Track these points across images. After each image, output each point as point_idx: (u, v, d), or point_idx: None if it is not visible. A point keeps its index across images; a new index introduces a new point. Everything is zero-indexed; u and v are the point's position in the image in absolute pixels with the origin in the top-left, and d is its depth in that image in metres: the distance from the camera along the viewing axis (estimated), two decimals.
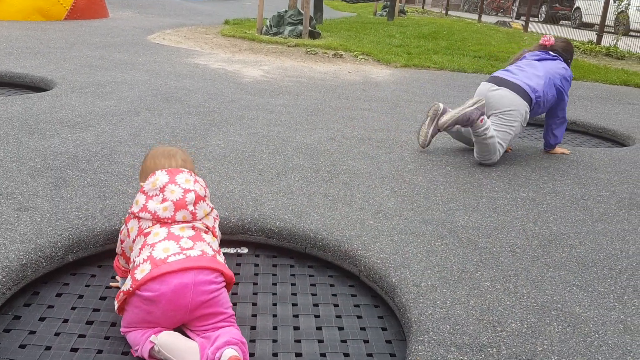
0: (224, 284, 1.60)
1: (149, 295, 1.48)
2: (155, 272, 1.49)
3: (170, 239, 1.60)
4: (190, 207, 1.68)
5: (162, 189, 1.67)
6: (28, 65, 5.08)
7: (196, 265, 1.53)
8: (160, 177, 1.70)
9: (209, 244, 1.65)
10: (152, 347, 1.48)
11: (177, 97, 4.35)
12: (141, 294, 1.49)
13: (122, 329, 1.57)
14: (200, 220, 1.71)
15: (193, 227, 1.67)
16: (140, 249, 1.60)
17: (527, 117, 3.34)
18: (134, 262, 1.58)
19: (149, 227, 1.65)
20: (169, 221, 1.65)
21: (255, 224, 2.26)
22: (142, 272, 1.51)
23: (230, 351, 1.45)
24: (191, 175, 1.76)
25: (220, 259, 1.65)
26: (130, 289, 1.50)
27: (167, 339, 1.47)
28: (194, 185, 1.72)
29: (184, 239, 1.61)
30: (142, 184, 1.75)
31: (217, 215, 1.82)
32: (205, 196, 1.75)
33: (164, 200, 1.66)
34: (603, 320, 1.75)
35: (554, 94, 3.48)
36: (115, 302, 1.58)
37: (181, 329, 1.59)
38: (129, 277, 1.54)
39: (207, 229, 1.72)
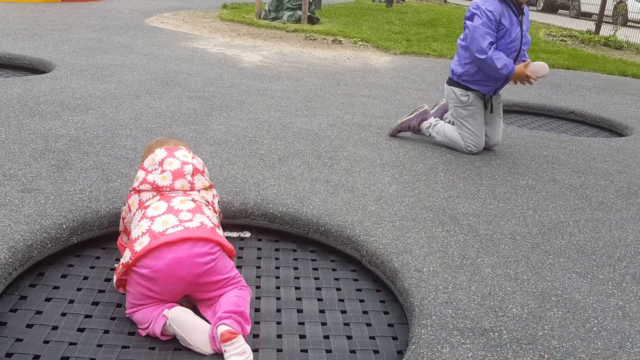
0: (220, 252, 1.61)
1: (146, 272, 1.51)
2: (154, 244, 1.52)
3: (170, 212, 1.63)
4: (189, 177, 1.75)
5: (160, 163, 1.76)
6: (26, 47, 5.04)
7: (193, 236, 1.56)
8: (159, 153, 1.79)
9: (208, 217, 1.68)
10: (166, 322, 1.50)
11: (177, 81, 4.34)
12: (138, 270, 1.52)
13: (127, 311, 1.59)
14: (198, 191, 1.75)
15: (193, 200, 1.70)
16: (139, 221, 1.62)
17: (460, 94, 3.25)
18: (132, 235, 1.60)
19: (149, 199, 1.68)
20: (168, 189, 1.69)
21: (258, 209, 2.28)
22: (141, 244, 1.54)
23: (222, 327, 1.49)
24: (189, 152, 1.85)
25: (220, 232, 1.68)
26: (130, 261, 1.52)
27: (179, 315, 1.50)
28: (192, 160, 1.81)
29: (183, 212, 1.64)
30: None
31: (216, 194, 1.87)
32: (203, 171, 1.82)
33: (162, 171, 1.74)
34: (602, 306, 1.78)
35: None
36: (114, 276, 1.60)
37: (191, 303, 1.64)
38: (127, 250, 1.56)
39: (207, 203, 1.76)
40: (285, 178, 2.59)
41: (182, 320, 1.49)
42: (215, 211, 1.80)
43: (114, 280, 1.61)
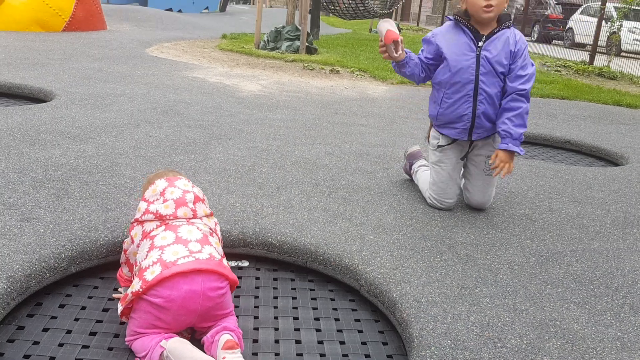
0: (228, 286, 1.66)
1: (159, 302, 1.51)
2: (166, 273, 1.53)
3: (179, 242, 1.64)
4: (191, 205, 1.77)
5: (162, 193, 1.77)
6: (27, 76, 5.10)
7: (205, 268, 1.58)
8: (159, 184, 1.81)
9: (215, 248, 1.71)
10: (162, 352, 1.50)
11: (176, 110, 4.38)
12: (151, 300, 1.52)
13: (127, 338, 1.58)
14: (201, 219, 1.77)
15: (198, 229, 1.72)
16: (148, 251, 1.62)
17: (432, 137, 2.89)
18: (142, 265, 1.60)
19: (153, 229, 1.69)
20: (171, 217, 1.71)
21: (256, 238, 2.28)
22: (152, 273, 1.54)
23: (226, 336, 1.54)
24: (189, 181, 1.88)
25: (226, 263, 1.71)
26: (140, 289, 1.52)
27: (177, 346, 1.49)
28: (192, 189, 1.83)
29: (192, 243, 1.65)
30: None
31: (217, 222, 1.89)
32: (203, 199, 1.84)
33: (165, 200, 1.76)
34: (601, 337, 1.78)
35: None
36: (120, 305, 1.60)
37: (190, 333, 1.66)
38: (137, 279, 1.56)
39: (211, 231, 1.78)
40: (284, 207, 2.60)
41: (179, 352, 1.48)
42: (219, 238, 1.81)
43: (120, 310, 1.60)
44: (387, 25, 2.60)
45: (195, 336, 1.65)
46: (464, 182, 2.89)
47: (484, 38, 2.61)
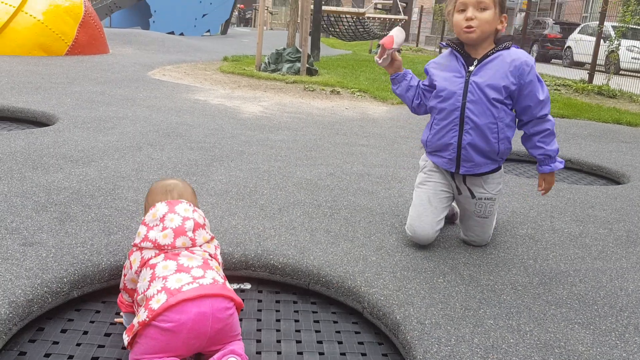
0: (234, 308, 1.65)
1: (169, 326, 1.51)
2: (173, 301, 1.52)
3: (181, 270, 1.64)
4: (190, 234, 1.74)
5: (162, 219, 1.75)
6: (30, 100, 5.14)
7: (210, 293, 1.58)
8: (160, 208, 1.79)
9: (217, 272, 1.71)
10: None
11: (178, 133, 4.41)
12: (160, 325, 1.51)
13: None
14: (200, 246, 1.76)
15: (198, 256, 1.72)
16: (150, 281, 1.62)
17: (422, 159, 2.75)
18: (146, 295, 1.59)
19: (152, 257, 1.68)
20: (169, 247, 1.69)
21: (259, 260, 2.28)
22: (158, 302, 1.53)
23: (234, 359, 1.55)
24: (190, 205, 1.84)
25: (229, 286, 1.70)
26: (147, 319, 1.51)
27: None
28: (192, 214, 1.80)
29: (194, 269, 1.65)
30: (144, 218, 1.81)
31: (217, 245, 1.87)
32: (204, 224, 1.82)
33: (164, 228, 1.73)
34: (606, 358, 1.76)
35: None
36: (126, 336, 1.58)
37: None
38: (143, 309, 1.55)
39: (210, 257, 1.77)
40: (286, 228, 2.60)
41: None
42: (218, 262, 1.81)
43: (126, 341, 1.58)
44: (393, 32, 2.48)
45: None
46: (459, 220, 2.70)
47: (475, 62, 2.38)
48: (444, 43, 2.54)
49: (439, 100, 2.46)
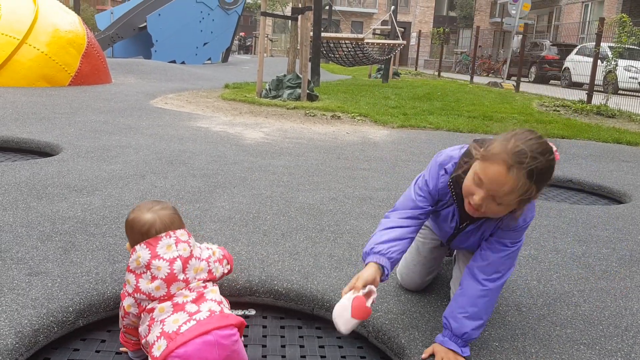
0: (238, 335, 1.65)
1: None
2: (172, 346, 1.53)
3: (177, 310, 1.63)
4: (181, 276, 1.68)
5: (147, 267, 1.66)
6: (34, 130, 5.19)
7: (208, 329, 1.57)
8: (141, 253, 1.67)
9: (212, 299, 1.68)
10: None
11: (181, 160, 4.44)
12: None
13: None
14: (195, 279, 1.72)
15: (192, 290, 1.70)
16: (149, 325, 1.63)
17: None
18: (148, 340, 1.61)
19: (149, 303, 1.67)
20: (165, 297, 1.67)
21: (263, 286, 2.29)
22: (159, 348, 1.55)
23: None
24: (169, 237, 1.70)
25: (226, 309, 1.70)
26: None
27: None
28: (177, 249, 1.70)
29: (188, 304, 1.64)
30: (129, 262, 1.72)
31: (210, 254, 1.81)
32: (190, 254, 1.72)
33: (153, 278, 1.66)
34: None
35: None
36: None
37: None
38: (148, 355, 1.57)
39: (204, 282, 1.73)
40: (289, 253, 2.61)
41: None
42: (213, 277, 1.78)
43: None
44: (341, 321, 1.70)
45: None
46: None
47: (468, 221, 1.97)
48: (447, 172, 1.95)
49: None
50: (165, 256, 1.68)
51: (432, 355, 1.83)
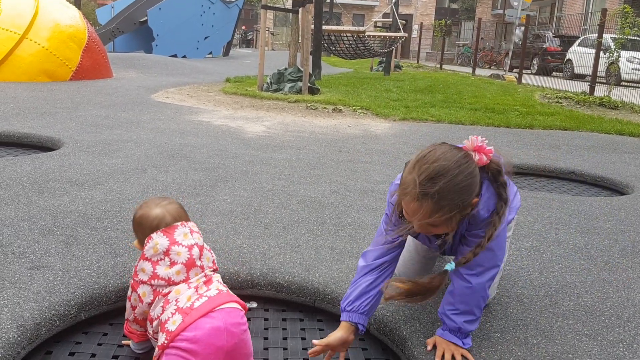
0: (247, 325, 1.67)
1: (186, 346, 1.53)
2: (189, 320, 1.55)
3: (190, 288, 1.67)
4: (198, 262, 1.72)
5: (166, 253, 1.69)
6: (35, 125, 5.19)
7: (220, 302, 1.62)
8: (159, 240, 1.70)
9: (218, 281, 1.74)
10: None
11: (183, 154, 4.44)
12: (178, 345, 1.53)
13: None
14: (207, 268, 1.77)
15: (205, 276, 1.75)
16: (163, 305, 1.64)
17: None
18: (161, 319, 1.62)
19: (165, 289, 1.68)
20: (183, 282, 1.69)
21: (264, 278, 2.29)
22: (174, 323, 1.57)
23: None
24: (184, 227, 1.76)
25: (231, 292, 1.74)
26: (166, 342, 1.54)
27: None
28: (192, 237, 1.75)
29: (199, 285, 1.69)
30: (139, 249, 1.75)
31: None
32: (203, 243, 1.79)
33: (172, 263, 1.68)
34: None
35: None
36: None
37: None
38: (161, 334, 1.58)
39: (213, 270, 1.78)
40: (291, 246, 2.61)
41: None
42: (216, 269, 1.82)
43: None
44: None
45: None
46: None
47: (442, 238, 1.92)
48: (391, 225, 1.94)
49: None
50: (184, 242, 1.72)
51: (435, 346, 1.83)
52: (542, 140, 6.24)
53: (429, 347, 1.83)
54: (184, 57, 18.68)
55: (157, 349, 1.59)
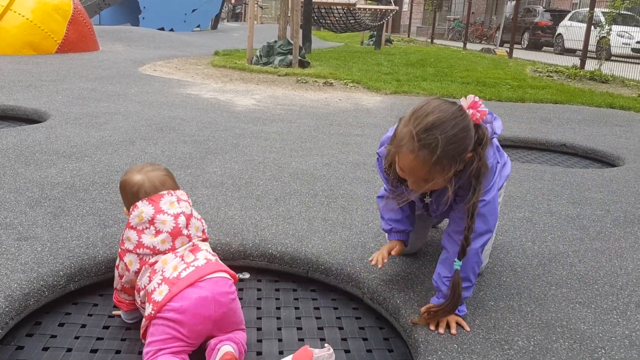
0: (236, 294, 1.65)
1: (172, 316, 1.51)
2: (175, 290, 1.53)
3: (175, 257, 1.64)
4: (185, 231, 1.69)
5: (151, 221, 1.65)
6: (20, 97, 5.09)
7: (207, 272, 1.59)
8: (144, 209, 1.66)
9: (207, 250, 1.71)
10: None
11: (171, 127, 4.37)
12: (165, 315, 1.51)
13: (145, 354, 1.52)
14: (195, 237, 1.73)
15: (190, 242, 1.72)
16: (150, 276, 1.61)
17: None
18: (148, 289, 1.59)
19: (151, 258, 1.65)
20: (169, 251, 1.65)
21: (257, 249, 2.26)
22: (160, 293, 1.54)
23: (226, 347, 1.54)
24: (171, 195, 1.72)
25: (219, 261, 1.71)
26: (153, 312, 1.51)
27: None
28: (179, 206, 1.70)
29: (185, 254, 1.65)
30: (128, 217, 1.70)
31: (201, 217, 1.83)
32: (191, 211, 1.74)
33: (158, 232, 1.64)
34: (608, 336, 1.76)
35: None
36: (141, 332, 1.61)
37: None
38: (148, 304, 1.56)
39: (202, 240, 1.75)
40: (283, 218, 2.58)
41: None
42: (206, 238, 1.79)
43: (141, 334, 1.61)
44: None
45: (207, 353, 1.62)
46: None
47: (427, 195, 1.97)
48: (382, 163, 1.99)
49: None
50: (170, 211, 1.68)
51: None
52: (533, 113, 6.23)
53: (423, 309, 1.81)
54: (172, 30, 18.39)
55: (144, 320, 1.57)
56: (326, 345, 1.66)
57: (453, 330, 1.73)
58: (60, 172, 3.01)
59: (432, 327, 1.76)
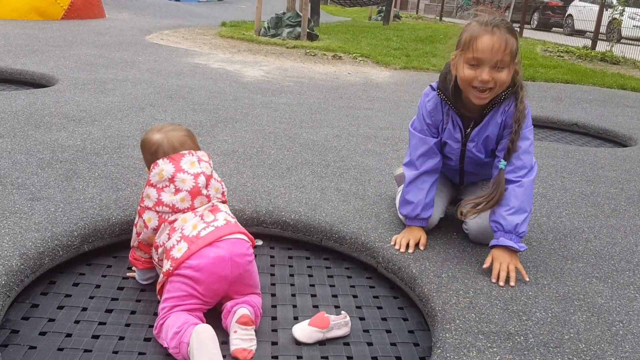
0: (253, 257, 1.64)
1: (189, 273, 1.51)
2: (194, 248, 1.53)
3: (195, 216, 1.64)
4: (204, 191, 1.68)
5: (171, 180, 1.64)
6: (28, 62, 5.03)
7: (227, 232, 1.59)
8: (165, 167, 1.65)
9: (227, 212, 1.70)
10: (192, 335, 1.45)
11: (180, 95, 4.33)
12: (182, 272, 1.51)
13: (161, 314, 1.52)
14: (214, 198, 1.72)
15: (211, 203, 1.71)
16: (169, 233, 1.60)
17: None
18: (167, 246, 1.58)
19: (170, 216, 1.63)
20: (188, 210, 1.64)
21: (270, 216, 2.24)
22: (179, 250, 1.53)
23: (243, 309, 1.54)
24: (192, 155, 1.70)
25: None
26: (171, 268, 1.51)
27: (204, 337, 1.41)
28: (199, 166, 1.69)
29: (205, 213, 1.65)
30: (148, 175, 1.70)
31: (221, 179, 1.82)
32: (211, 172, 1.73)
33: (177, 190, 1.64)
34: (626, 310, 1.75)
35: None
36: (157, 287, 1.62)
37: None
38: (166, 260, 1.54)
39: (222, 202, 1.75)
40: (296, 187, 2.56)
41: (200, 345, 1.39)
42: (225, 201, 1.78)
43: (157, 290, 1.62)
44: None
45: (223, 316, 1.61)
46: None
47: (472, 124, 2.05)
48: (434, 86, 2.15)
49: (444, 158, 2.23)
50: (190, 171, 1.67)
51: (492, 263, 1.90)
52: (544, 92, 6.16)
53: (486, 265, 1.90)
54: (178, 0, 18.15)
55: (161, 275, 1.57)
56: (342, 312, 1.66)
57: (512, 282, 1.83)
58: (70, 136, 2.98)
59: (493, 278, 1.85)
